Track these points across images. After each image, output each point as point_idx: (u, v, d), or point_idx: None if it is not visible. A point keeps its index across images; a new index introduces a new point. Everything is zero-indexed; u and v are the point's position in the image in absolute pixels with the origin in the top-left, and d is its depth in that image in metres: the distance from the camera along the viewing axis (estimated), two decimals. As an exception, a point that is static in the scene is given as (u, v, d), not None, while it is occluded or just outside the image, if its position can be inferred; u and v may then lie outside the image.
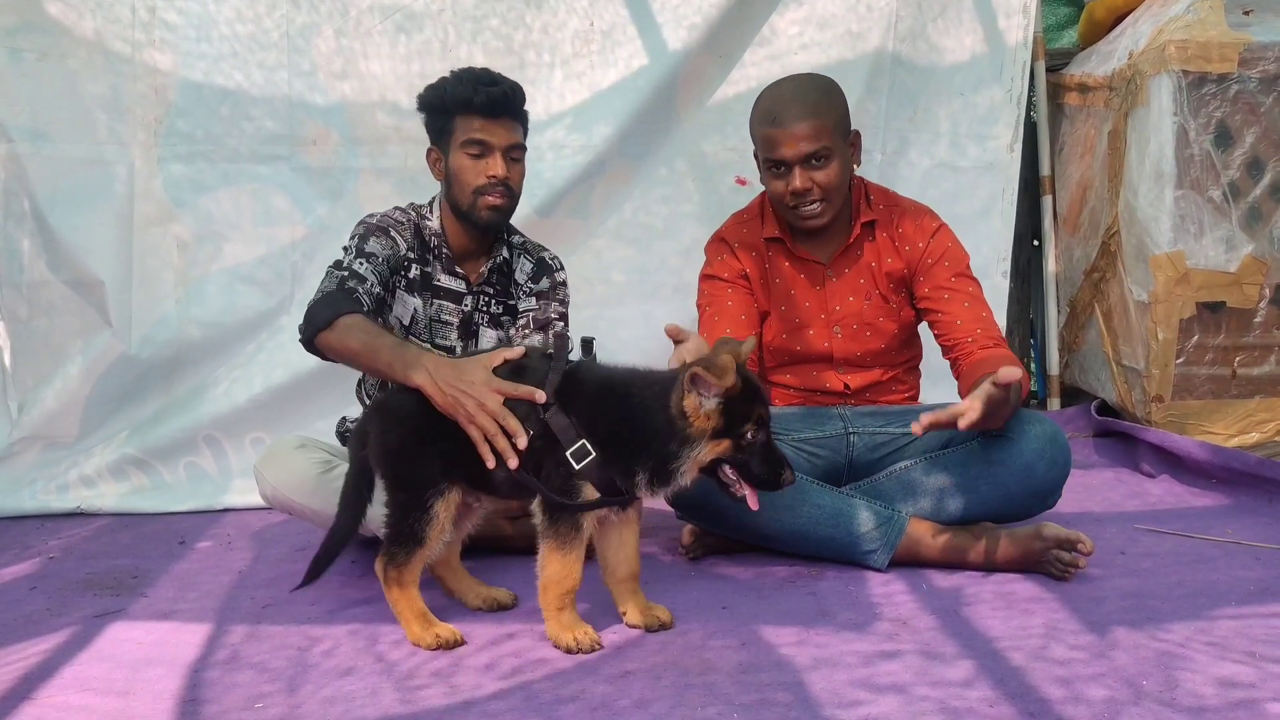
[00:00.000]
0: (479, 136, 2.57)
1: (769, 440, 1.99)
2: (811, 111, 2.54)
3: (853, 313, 2.71)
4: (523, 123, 2.67)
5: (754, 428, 1.95)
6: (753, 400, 1.96)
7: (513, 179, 2.63)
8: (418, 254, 2.68)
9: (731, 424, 1.94)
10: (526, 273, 2.79)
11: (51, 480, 3.33)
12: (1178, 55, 3.33)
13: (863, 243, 2.72)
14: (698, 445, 1.94)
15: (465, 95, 2.56)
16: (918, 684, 1.78)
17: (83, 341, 3.40)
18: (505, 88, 2.58)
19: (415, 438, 2.11)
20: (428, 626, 2.05)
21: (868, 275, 2.71)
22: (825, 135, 2.54)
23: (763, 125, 2.59)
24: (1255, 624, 2.01)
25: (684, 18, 3.51)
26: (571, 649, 1.98)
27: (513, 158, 2.62)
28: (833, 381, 2.75)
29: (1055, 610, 2.12)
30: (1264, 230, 3.42)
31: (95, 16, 3.34)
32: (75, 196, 3.35)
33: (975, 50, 3.71)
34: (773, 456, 1.99)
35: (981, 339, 2.56)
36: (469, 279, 2.73)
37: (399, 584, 2.08)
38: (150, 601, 2.39)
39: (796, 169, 2.55)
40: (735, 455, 1.96)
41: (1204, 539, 2.63)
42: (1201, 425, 3.47)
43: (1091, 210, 3.85)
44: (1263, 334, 3.47)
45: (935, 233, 2.69)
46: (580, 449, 1.99)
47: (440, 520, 2.07)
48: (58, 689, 1.88)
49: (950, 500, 2.50)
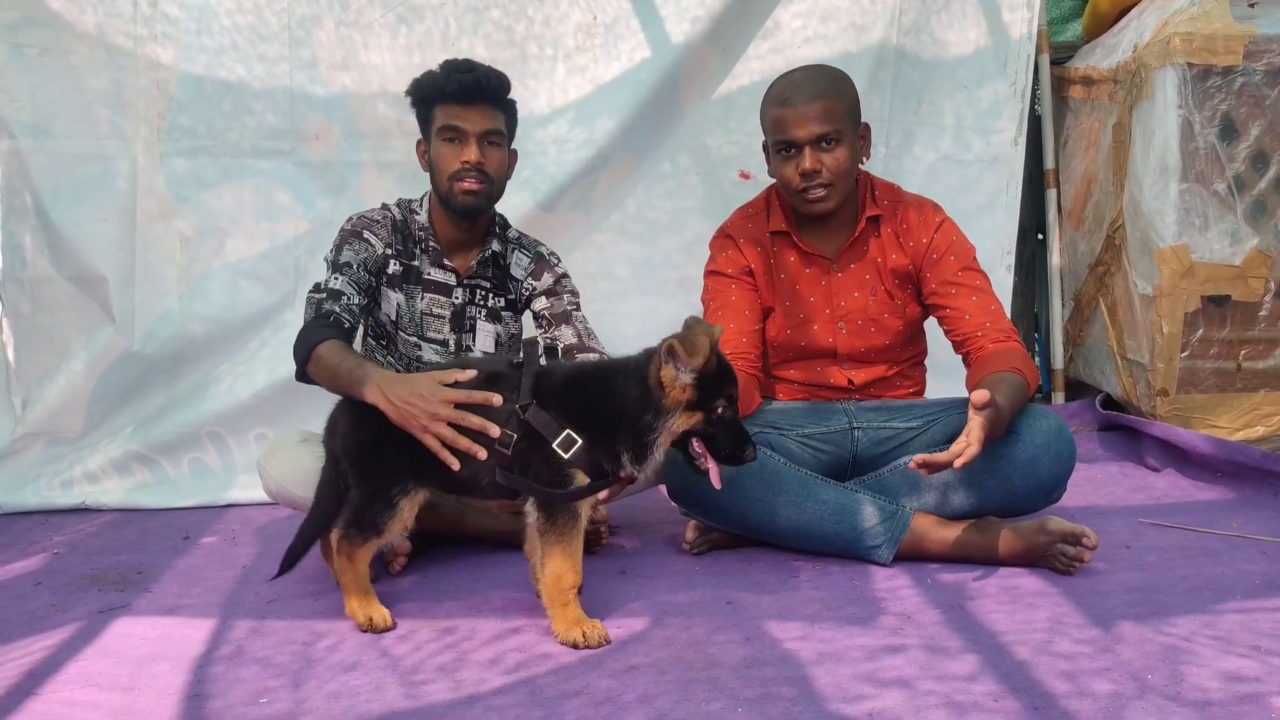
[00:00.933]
0: (453, 122, 2.61)
1: (736, 418, 2.09)
2: (822, 94, 2.55)
3: (858, 308, 2.71)
4: (504, 110, 2.69)
5: (724, 404, 2.05)
6: (725, 378, 2.06)
7: (489, 164, 2.63)
8: (399, 249, 2.70)
9: (704, 398, 2.03)
10: (524, 268, 2.79)
11: (56, 476, 3.33)
12: (1183, 48, 3.32)
13: (868, 238, 2.71)
14: (672, 416, 2.03)
15: (439, 83, 2.61)
16: (922, 678, 1.78)
17: (86, 337, 3.40)
18: (480, 74, 2.61)
19: (387, 432, 2.15)
20: (365, 604, 2.12)
21: (873, 271, 2.71)
22: (836, 119, 2.55)
23: (774, 107, 2.60)
24: (1261, 618, 2.00)
25: (687, 10, 3.50)
26: (579, 644, 1.98)
27: (490, 142, 2.64)
28: (837, 377, 2.74)
29: (1060, 604, 2.12)
30: (1269, 223, 3.41)
31: (97, 11, 3.33)
32: (77, 192, 3.35)
33: (979, 43, 3.70)
34: (738, 433, 2.09)
35: (991, 332, 2.56)
36: (459, 271, 2.74)
37: (349, 557, 2.13)
38: (155, 597, 2.40)
39: (806, 149, 2.55)
40: (705, 428, 2.05)
41: (1209, 533, 2.63)
42: (1206, 419, 3.46)
43: (1096, 204, 3.84)
44: (1268, 327, 3.46)
45: (939, 226, 2.68)
46: (566, 438, 2.05)
47: (403, 516, 2.13)
48: (63, 685, 1.88)
49: (955, 495, 2.50)
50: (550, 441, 2.04)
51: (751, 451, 2.09)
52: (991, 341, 2.54)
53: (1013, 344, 2.55)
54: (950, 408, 2.65)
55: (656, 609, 2.18)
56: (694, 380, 2.01)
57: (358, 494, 2.15)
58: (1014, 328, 2.65)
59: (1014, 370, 2.45)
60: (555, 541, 2.05)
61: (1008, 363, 2.47)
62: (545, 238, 2.95)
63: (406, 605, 2.25)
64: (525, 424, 2.07)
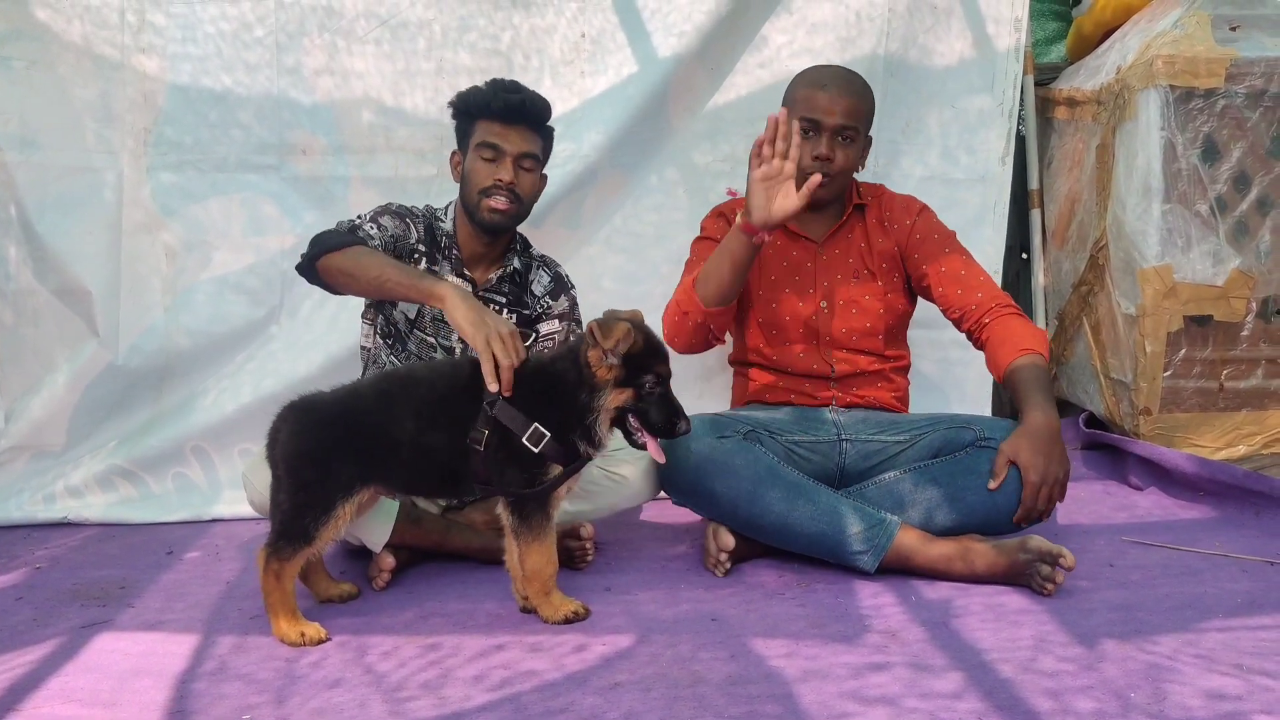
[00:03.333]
0: (493, 140, 2.68)
1: (668, 394, 2.21)
2: (855, 92, 2.73)
3: (841, 289, 2.79)
4: (543, 135, 2.76)
5: (653, 380, 2.18)
6: (653, 356, 2.20)
7: (521, 187, 2.70)
8: (427, 250, 2.75)
9: (632, 375, 2.16)
10: (544, 286, 2.86)
11: (38, 490, 3.30)
12: (1165, 70, 3.35)
13: (854, 223, 2.84)
14: (604, 394, 2.16)
15: (485, 100, 2.68)
16: (907, 696, 1.78)
17: (70, 350, 3.37)
18: (525, 97, 2.69)
19: (333, 441, 2.18)
20: (294, 624, 2.14)
21: (857, 254, 2.82)
22: (859, 117, 2.72)
23: (808, 87, 2.73)
24: (1243, 636, 2.02)
25: (674, 25, 3.51)
26: (571, 619, 2.19)
27: (524, 166, 2.71)
28: (819, 364, 2.77)
29: (1044, 622, 2.12)
30: (1251, 244, 3.44)
31: (84, 21, 3.32)
32: (63, 204, 3.33)
33: (966, 61, 3.71)
34: (670, 407, 2.20)
35: (985, 302, 2.67)
36: (476, 283, 2.78)
37: (277, 575, 2.15)
38: (138, 612, 2.38)
39: (826, 135, 2.68)
40: (637, 404, 2.18)
41: (1192, 551, 2.64)
42: (1189, 438, 3.48)
43: (1080, 224, 3.87)
44: (1249, 347, 3.49)
45: (920, 212, 2.85)
46: (534, 432, 2.15)
47: (339, 523, 2.16)
48: (44, 700, 1.87)
49: (939, 512, 2.52)
50: (520, 436, 2.14)
51: (684, 425, 2.19)
52: (991, 315, 2.65)
53: (1011, 317, 2.65)
54: (936, 422, 2.67)
55: (641, 626, 2.18)
56: (621, 359, 2.14)
57: (288, 504, 2.16)
58: (1007, 295, 2.74)
59: (1027, 352, 2.56)
60: (531, 539, 2.19)
61: (1018, 345, 2.58)
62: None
63: (390, 621, 2.25)
64: (494, 420, 2.16)
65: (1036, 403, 2.50)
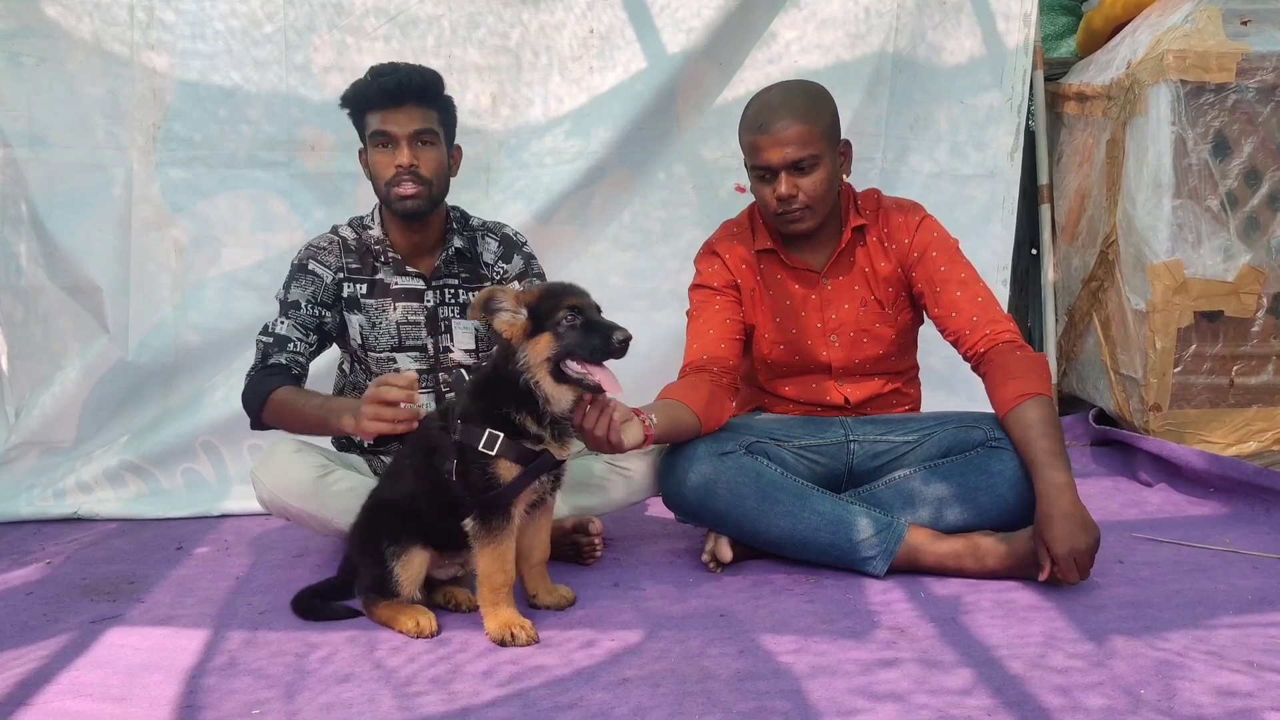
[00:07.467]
0: (382, 127, 2.58)
1: (591, 320, 2.10)
2: (799, 118, 2.51)
3: (849, 320, 2.71)
4: (437, 107, 2.64)
5: (567, 315, 2.08)
6: (555, 295, 2.12)
7: (423, 166, 2.59)
8: (356, 269, 2.70)
9: (541, 320, 2.09)
10: (494, 253, 2.80)
11: (49, 486, 3.32)
12: (1176, 65, 3.34)
13: (855, 248, 2.71)
14: (523, 352, 2.09)
15: (365, 90, 2.59)
16: (916, 692, 1.78)
17: (80, 346, 3.40)
18: (402, 74, 2.57)
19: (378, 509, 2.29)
20: (412, 614, 2.17)
21: (862, 281, 2.71)
22: (812, 142, 2.51)
23: (749, 132, 2.57)
24: (1253, 633, 2.01)
25: (682, 21, 3.51)
26: (507, 643, 2.06)
27: (423, 142, 2.60)
28: (833, 394, 2.74)
29: (1054, 618, 2.12)
30: (1261, 240, 3.43)
31: (93, 18, 3.34)
32: (73, 201, 3.35)
33: (976, 56, 3.71)
34: (598, 327, 2.08)
35: (982, 326, 2.55)
36: (425, 275, 2.73)
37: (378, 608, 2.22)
38: (148, 607, 2.39)
39: (782, 175, 2.53)
40: (561, 345, 2.07)
41: (1202, 548, 2.63)
42: (1199, 434, 3.47)
43: (1089, 219, 3.86)
44: (1260, 343, 3.47)
45: (919, 225, 2.68)
46: (489, 438, 2.11)
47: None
48: (55, 695, 1.88)
49: (948, 510, 2.50)
50: (477, 445, 2.11)
51: (621, 333, 2.07)
52: (986, 344, 2.53)
53: (1007, 348, 2.52)
54: (945, 421, 2.65)
55: (650, 622, 2.18)
56: (528, 311, 2.10)
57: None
58: (1007, 315, 2.63)
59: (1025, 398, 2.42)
60: (486, 543, 2.11)
61: (1017, 389, 2.44)
62: (541, 250, 2.95)
63: (400, 617, 2.25)
64: (458, 444, 2.15)
65: (1047, 465, 2.34)
